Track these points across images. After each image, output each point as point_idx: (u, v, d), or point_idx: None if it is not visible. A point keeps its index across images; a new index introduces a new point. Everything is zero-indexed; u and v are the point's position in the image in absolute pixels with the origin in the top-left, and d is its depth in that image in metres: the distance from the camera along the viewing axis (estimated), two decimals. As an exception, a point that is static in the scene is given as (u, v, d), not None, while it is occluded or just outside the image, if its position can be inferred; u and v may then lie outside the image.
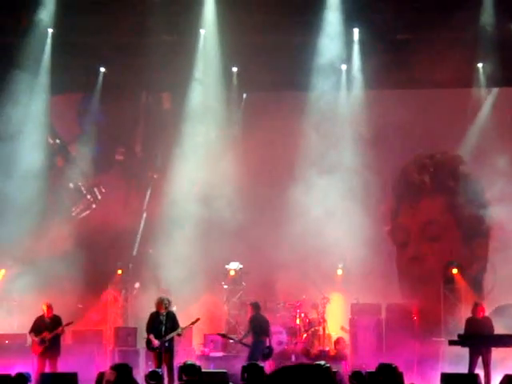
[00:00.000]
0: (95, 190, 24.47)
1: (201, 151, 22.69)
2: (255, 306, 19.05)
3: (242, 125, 23.27)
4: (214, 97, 22.68)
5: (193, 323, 18.39)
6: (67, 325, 18.61)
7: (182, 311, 18.63)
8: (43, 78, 22.21)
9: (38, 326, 18.04)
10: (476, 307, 17.97)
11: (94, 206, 24.38)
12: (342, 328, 21.56)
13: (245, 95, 23.73)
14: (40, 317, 18.18)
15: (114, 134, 24.29)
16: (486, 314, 18.40)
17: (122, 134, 24.54)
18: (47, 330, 17.93)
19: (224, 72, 22.45)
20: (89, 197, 24.40)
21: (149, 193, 24.29)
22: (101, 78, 23.24)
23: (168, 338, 17.29)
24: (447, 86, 22.17)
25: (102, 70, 23.19)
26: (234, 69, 22.86)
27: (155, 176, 24.33)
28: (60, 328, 18.15)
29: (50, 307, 18.22)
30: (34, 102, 22.35)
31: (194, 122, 22.79)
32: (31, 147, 22.31)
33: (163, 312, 17.46)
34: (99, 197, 24.41)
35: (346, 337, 21.12)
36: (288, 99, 22.85)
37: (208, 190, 22.21)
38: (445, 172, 23.21)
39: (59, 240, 22.72)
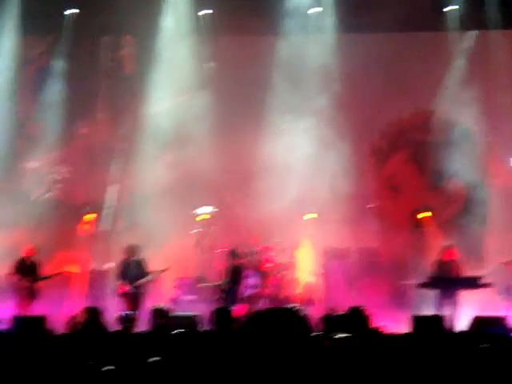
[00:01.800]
0: (56, 169, 23.24)
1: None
2: (234, 254, 19.01)
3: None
4: (183, 39, 22.51)
5: (162, 271, 18.56)
6: (56, 274, 18.60)
7: (154, 255, 18.70)
8: (10, 21, 21.91)
9: (21, 269, 17.99)
10: (445, 250, 18.17)
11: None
12: (312, 272, 21.73)
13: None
14: (21, 259, 18.11)
15: (74, 105, 22.88)
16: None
17: (82, 105, 23.28)
18: (29, 274, 17.89)
19: (193, 16, 22.30)
20: (49, 177, 23.31)
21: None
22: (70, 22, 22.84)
23: (138, 284, 17.42)
24: (418, 30, 22.18)
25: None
26: (203, 12, 22.64)
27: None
28: (48, 275, 18.21)
29: (33, 251, 18.15)
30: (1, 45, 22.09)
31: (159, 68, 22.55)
32: None
33: (133, 258, 17.58)
34: (60, 177, 23.31)
35: (316, 281, 21.31)
36: (257, 44, 22.68)
37: (178, 137, 22.06)
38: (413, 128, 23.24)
39: None
